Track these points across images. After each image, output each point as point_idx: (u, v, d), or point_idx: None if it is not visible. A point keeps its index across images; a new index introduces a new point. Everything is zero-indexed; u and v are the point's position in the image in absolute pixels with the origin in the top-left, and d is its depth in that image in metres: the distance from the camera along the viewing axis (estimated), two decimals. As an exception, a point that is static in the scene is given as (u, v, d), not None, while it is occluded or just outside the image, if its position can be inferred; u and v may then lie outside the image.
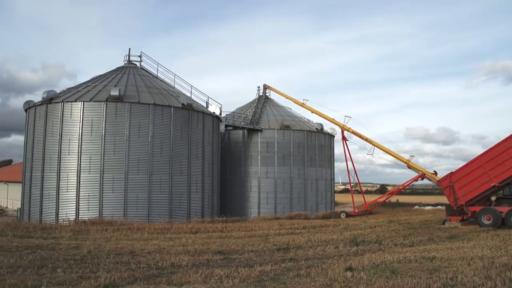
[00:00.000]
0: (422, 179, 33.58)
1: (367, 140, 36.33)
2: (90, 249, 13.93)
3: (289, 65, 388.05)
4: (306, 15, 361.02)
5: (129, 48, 32.81)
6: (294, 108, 41.81)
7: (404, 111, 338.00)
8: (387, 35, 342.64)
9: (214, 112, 30.57)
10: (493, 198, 26.02)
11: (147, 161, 25.52)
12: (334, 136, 41.02)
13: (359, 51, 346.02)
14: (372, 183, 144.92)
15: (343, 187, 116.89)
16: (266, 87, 42.35)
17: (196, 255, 13.12)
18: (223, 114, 34.32)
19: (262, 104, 39.96)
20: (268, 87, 42.39)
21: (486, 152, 24.40)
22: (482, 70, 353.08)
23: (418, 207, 49.43)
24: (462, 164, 26.24)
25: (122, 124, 25.28)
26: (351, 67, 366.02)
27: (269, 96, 42.14)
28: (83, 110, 25.27)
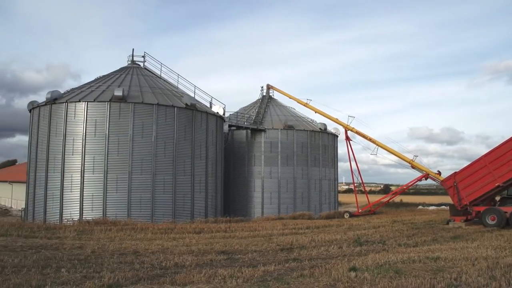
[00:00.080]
0: (426, 179, 33.55)
1: (370, 140, 36.29)
2: (94, 249, 13.97)
3: (292, 65, 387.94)
4: (310, 16, 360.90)
5: (132, 49, 32.96)
6: (298, 108, 41.84)
7: (408, 111, 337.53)
8: (391, 35, 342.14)
9: (217, 112, 30.58)
10: (497, 198, 25.90)
11: (150, 161, 25.56)
12: (337, 136, 40.95)
13: (363, 51, 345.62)
14: (375, 183, 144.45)
15: (347, 187, 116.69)
16: (269, 87, 42.31)
17: (199, 255, 13.14)
18: (227, 114, 34.34)
19: (266, 104, 39.92)
20: (272, 87, 42.35)
21: (490, 152, 24.30)
22: (486, 69, 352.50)
23: (422, 207, 49.28)
24: (466, 164, 26.11)
25: (125, 124, 25.34)
26: (354, 67, 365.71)
27: (272, 96, 42.12)
28: (87, 110, 25.35)
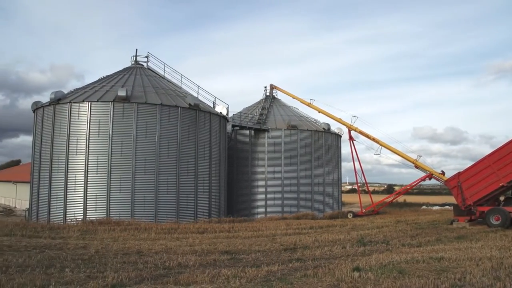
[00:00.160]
0: (430, 179, 33.42)
1: (374, 140, 36.21)
2: (98, 249, 13.99)
3: (295, 65, 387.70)
4: (313, 16, 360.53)
5: (136, 49, 32.95)
6: (301, 108, 41.80)
7: (411, 111, 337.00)
8: (394, 35, 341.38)
9: (221, 112, 30.60)
10: (501, 198, 25.81)
11: (154, 161, 25.59)
12: (341, 136, 40.91)
13: (366, 51, 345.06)
14: (379, 183, 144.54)
15: (350, 187, 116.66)
16: (273, 87, 42.30)
17: (203, 255, 13.14)
18: (230, 114, 34.37)
19: (269, 104, 39.92)
20: (275, 87, 42.34)
21: (494, 152, 24.21)
22: (490, 69, 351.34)
23: (425, 207, 49.19)
24: (470, 164, 26.06)
25: (129, 124, 25.37)
26: (358, 66, 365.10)
27: (276, 96, 42.10)
28: (90, 111, 25.40)
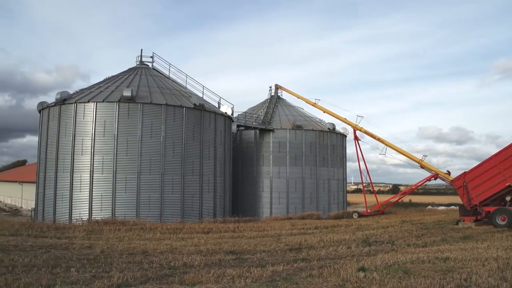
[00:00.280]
0: (435, 179, 33.29)
1: (379, 140, 36.11)
2: (103, 248, 14.03)
3: (300, 65, 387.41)
4: (317, 15, 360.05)
5: (141, 49, 33.07)
6: (306, 108, 41.77)
7: (417, 110, 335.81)
8: (399, 34, 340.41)
9: (226, 112, 30.62)
10: (507, 198, 25.67)
11: (159, 161, 25.65)
12: (346, 136, 40.84)
13: (371, 50, 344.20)
14: (384, 183, 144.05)
15: (355, 187, 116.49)
16: (277, 87, 42.29)
17: (208, 255, 13.15)
18: (235, 114, 34.38)
19: (274, 104, 39.91)
20: (280, 87, 42.32)
21: (500, 152, 24.09)
22: (496, 68, 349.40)
23: (431, 207, 48.98)
24: (476, 164, 25.90)
25: (134, 124, 25.44)
26: (363, 66, 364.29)
27: (281, 96, 42.11)
28: (96, 111, 25.49)
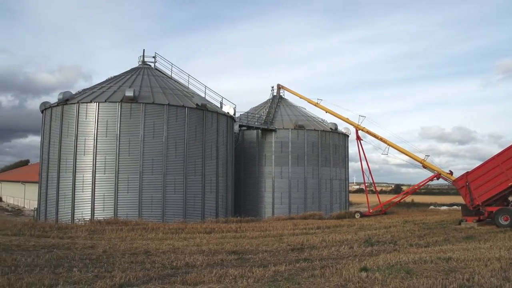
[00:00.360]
0: (438, 179, 33.26)
1: (381, 139, 36.10)
2: (106, 248, 14.05)
3: (303, 65, 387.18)
4: (320, 15, 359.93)
5: (143, 49, 33.02)
6: (308, 108, 41.76)
7: (419, 110, 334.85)
8: (401, 34, 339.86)
9: (228, 112, 30.63)
10: (510, 198, 25.62)
11: (161, 161, 25.67)
12: (348, 135, 40.81)
13: (374, 50, 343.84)
14: (387, 183, 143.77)
15: (358, 187, 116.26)
16: (280, 87, 42.26)
17: (210, 255, 13.16)
18: (237, 114, 34.39)
19: (276, 104, 39.90)
20: (282, 87, 42.30)
21: (503, 152, 24.06)
22: (499, 68, 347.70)
23: (433, 207, 48.91)
24: (479, 163, 25.89)
25: (136, 124, 25.46)
26: (365, 66, 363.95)
27: (283, 96, 42.07)
28: (98, 111, 25.51)
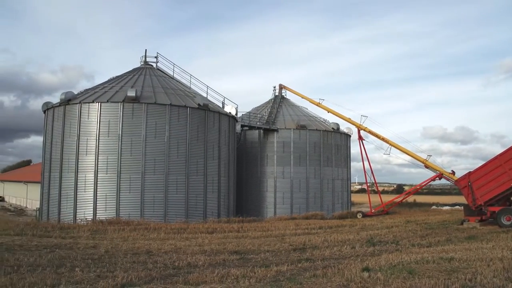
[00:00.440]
0: (440, 179, 33.21)
1: (383, 139, 36.06)
2: (108, 248, 14.07)
3: (305, 65, 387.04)
4: (322, 15, 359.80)
5: (145, 49, 33.09)
6: (310, 108, 41.75)
7: (422, 110, 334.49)
8: (404, 34, 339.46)
9: (230, 112, 30.63)
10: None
11: (163, 161, 25.68)
12: (350, 135, 40.78)
13: (376, 50, 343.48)
14: (389, 183, 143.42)
15: (360, 187, 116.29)
16: (282, 87, 42.24)
17: (212, 255, 13.17)
18: (239, 114, 34.38)
19: (278, 104, 39.87)
20: (284, 87, 42.28)
21: (506, 151, 23.99)
22: (501, 68, 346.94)
23: (435, 207, 48.79)
24: (481, 163, 25.82)
25: (138, 124, 25.49)
26: (367, 66, 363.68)
27: (285, 96, 42.06)
28: (100, 111, 25.55)
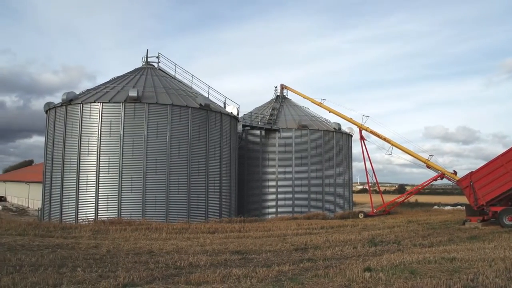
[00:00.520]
0: (442, 178, 33.14)
1: (385, 139, 36.01)
2: (109, 248, 14.07)
3: (306, 64, 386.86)
4: (323, 15, 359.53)
5: (147, 50, 33.23)
6: (312, 108, 41.72)
7: (423, 110, 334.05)
8: (405, 34, 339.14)
9: (231, 112, 30.63)
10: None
11: (165, 161, 25.71)
12: (352, 135, 40.74)
13: (377, 50, 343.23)
14: (390, 183, 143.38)
15: (361, 187, 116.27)
16: (283, 87, 42.24)
17: (214, 255, 13.16)
18: (241, 114, 34.38)
19: (280, 104, 39.88)
20: (286, 86, 42.27)
21: (508, 151, 23.93)
22: (503, 68, 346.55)
23: (437, 207, 48.75)
24: (483, 163, 25.78)
25: (140, 124, 25.51)
26: (369, 66, 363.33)
27: (286, 96, 42.07)
28: (102, 111, 25.58)
